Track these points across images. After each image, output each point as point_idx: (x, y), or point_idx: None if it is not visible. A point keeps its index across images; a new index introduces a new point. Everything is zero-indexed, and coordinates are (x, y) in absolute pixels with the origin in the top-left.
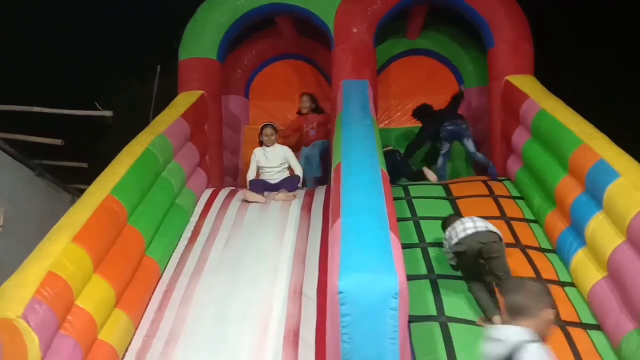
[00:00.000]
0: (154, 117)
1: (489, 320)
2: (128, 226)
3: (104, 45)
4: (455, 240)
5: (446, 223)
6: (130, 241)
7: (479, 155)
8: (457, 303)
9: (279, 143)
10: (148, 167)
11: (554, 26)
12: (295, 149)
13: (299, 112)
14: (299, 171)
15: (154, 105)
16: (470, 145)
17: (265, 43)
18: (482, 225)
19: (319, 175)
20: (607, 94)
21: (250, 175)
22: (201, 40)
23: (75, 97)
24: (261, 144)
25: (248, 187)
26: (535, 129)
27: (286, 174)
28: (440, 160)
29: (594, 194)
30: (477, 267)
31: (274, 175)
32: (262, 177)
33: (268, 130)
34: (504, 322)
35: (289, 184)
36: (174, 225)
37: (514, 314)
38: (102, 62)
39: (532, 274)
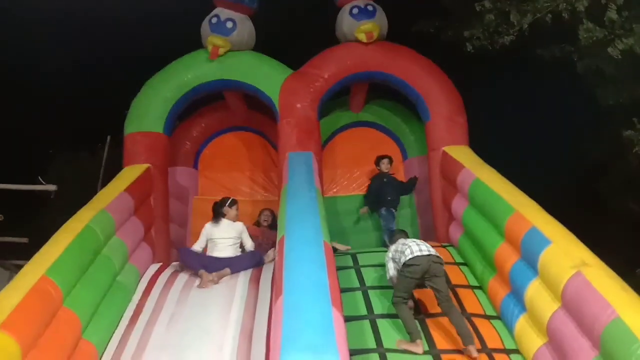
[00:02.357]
0: (101, 189)
1: (413, 342)
2: (63, 308)
3: (52, 115)
4: (410, 257)
5: (394, 238)
6: (65, 324)
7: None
8: None
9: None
10: (87, 245)
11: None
12: None
13: (257, 224)
14: (249, 247)
15: (102, 176)
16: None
17: (214, 116)
18: (432, 250)
19: None
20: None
21: (196, 249)
22: (147, 114)
23: (18, 168)
24: (215, 218)
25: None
26: (472, 197)
27: (238, 251)
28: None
29: (529, 260)
30: (412, 284)
31: (226, 248)
32: (210, 252)
33: (237, 206)
34: None
35: (241, 263)
36: (115, 304)
37: None
38: (50, 132)
39: (477, 344)
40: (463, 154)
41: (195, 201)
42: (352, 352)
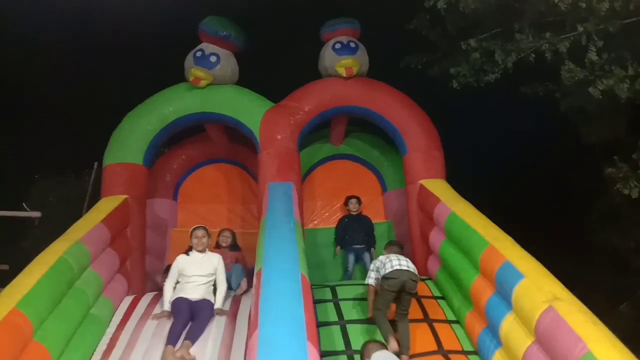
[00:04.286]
0: (77, 221)
1: (388, 343)
2: (33, 342)
3: (37, 139)
4: (389, 270)
5: (389, 249)
6: (35, 359)
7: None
8: None
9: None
10: (61, 277)
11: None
12: None
13: (217, 246)
14: (222, 290)
15: (87, 203)
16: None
17: (194, 148)
18: (412, 266)
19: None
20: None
21: (168, 289)
22: (127, 146)
23: (2, 193)
24: (189, 250)
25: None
26: (448, 231)
27: (211, 292)
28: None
29: (504, 295)
30: (391, 297)
31: (197, 288)
32: (179, 293)
33: (199, 232)
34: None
35: (205, 315)
36: (88, 337)
37: None
38: (35, 156)
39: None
40: (439, 188)
41: (173, 233)
42: None
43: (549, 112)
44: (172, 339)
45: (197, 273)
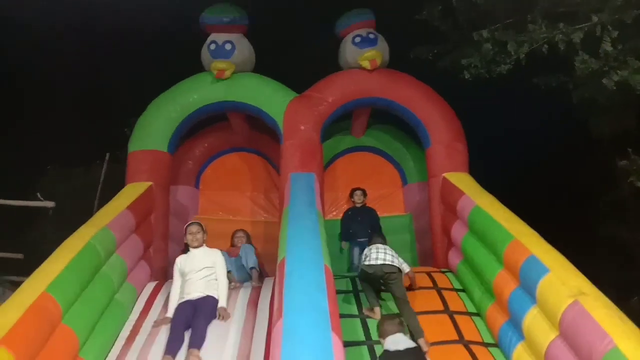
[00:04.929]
0: (99, 206)
1: (371, 310)
2: (62, 325)
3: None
4: (367, 263)
5: (372, 241)
6: (63, 342)
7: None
8: None
9: (209, 246)
10: (88, 262)
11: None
12: None
13: (232, 245)
14: (223, 287)
15: (99, 194)
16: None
17: (217, 136)
18: (389, 258)
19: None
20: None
21: (173, 294)
22: (152, 133)
23: (11, 183)
24: (185, 248)
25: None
26: (471, 224)
27: (212, 286)
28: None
29: (528, 288)
30: (373, 285)
31: (197, 284)
32: (182, 296)
33: (193, 228)
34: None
35: (203, 315)
36: (112, 323)
37: None
38: (45, 148)
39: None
40: (463, 181)
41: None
42: None
43: (558, 105)
44: (170, 349)
45: (195, 268)
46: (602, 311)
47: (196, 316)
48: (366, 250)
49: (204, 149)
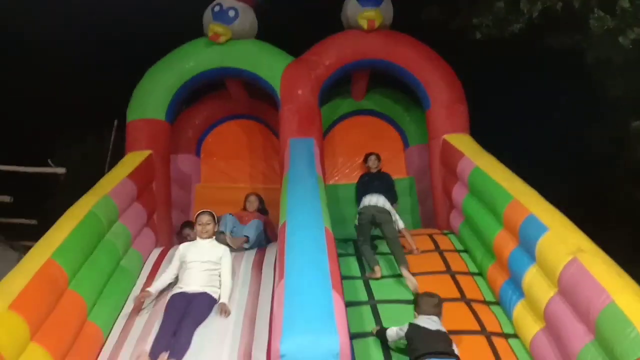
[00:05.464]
0: (104, 175)
1: (372, 270)
2: (69, 291)
3: (59, 99)
4: (361, 207)
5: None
6: (71, 306)
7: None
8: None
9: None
10: (91, 230)
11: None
12: None
13: (244, 209)
14: (227, 284)
15: (109, 160)
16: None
17: (216, 104)
18: (381, 202)
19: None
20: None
21: (165, 276)
22: (149, 102)
23: (26, 152)
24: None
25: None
26: (471, 185)
27: (212, 282)
28: None
29: (527, 247)
30: (368, 228)
31: (198, 276)
32: (178, 285)
33: (204, 218)
34: None
35: (196, 315)
36: (119, 288)
37: None
38: (57, 116)
39: (477, 327)
40: (463, 142)
41: (197, 188)
42: (353, 336)
43: (571, 65)
44: (155, 350)
45: (198, 259)
46: (600, 267)
47: (185, 318)
48: (363, 198)
49: (203, 117)
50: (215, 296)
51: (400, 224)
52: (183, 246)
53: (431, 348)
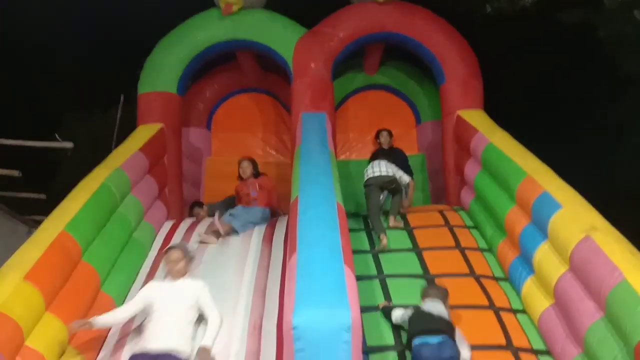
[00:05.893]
0: (116, 148)
1: (379, 239)
2: (82, 262)
3: (65, 75)
4: (366, 178)
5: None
6: (85, 278)
7: None
8: None
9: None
10: (104, 203)
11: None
12: None
13: (239, 178)
14: (213, 323)
15: (116, 135)
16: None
17: (227, 77)
18: (389, 170)
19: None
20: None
21: (116, 314)
22: (161, 74)
23: (34, 127)
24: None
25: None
26: (484, 161)
27: (185, 336)
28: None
29: (539, 224)
30: (377, 194)
31: (166, 328)
32: (140, 343)
33: (173, 255)
34: None
35: None
36: (132, 260)
37: None
38: (64, 91)
39: (485, 302)
40: (477, 118)
41: (208, 162)
42: (363, 309)
43: (583, 41)
44: None
45: (168, 307)
46: (613, 246)
47: None
48: (367, 168)
49: (214, 90)
50: (184, 356)
51: (406, 179)
52: (151, 286)
53: (422, 327)
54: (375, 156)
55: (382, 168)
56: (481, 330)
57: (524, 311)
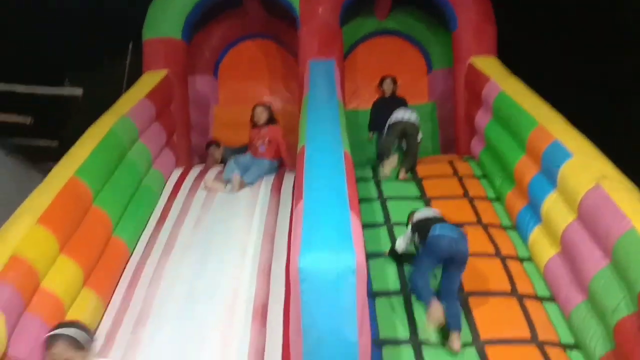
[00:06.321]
0: (122, 95)
1: (388, 160)
2: (94, 207)
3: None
4: (393, 121)
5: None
6: (97, 222)
7: None
8: None
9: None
10: (112, 149)
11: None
12: None
13: (253, 125)
14: None
15: (126, 82)
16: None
17: (232, 23)
18: (413, 117)
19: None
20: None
21: None
22: (165, 20)
23: (44, 74)
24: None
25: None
26: (496, 110)
27: None
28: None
29: (549, 173)
30: (393, 137)
31: None
32: None
33: (57, 349)
34: None
35: None
36: (142, 206)
37: None
38: (74, 37)
39: (492, 250)
40: (490, 66)
41: (215, 109)
42: (369, 255)
43: None
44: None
45: None
46: (622, 194)
47: None
48: (395, 112)
49: (219, 37)
50: None
51: (420, 135)
52: None
53: (436, 221)
54: (377, 107)
55: (412, 116)
56: (487, 278)
57: (530, 259)
